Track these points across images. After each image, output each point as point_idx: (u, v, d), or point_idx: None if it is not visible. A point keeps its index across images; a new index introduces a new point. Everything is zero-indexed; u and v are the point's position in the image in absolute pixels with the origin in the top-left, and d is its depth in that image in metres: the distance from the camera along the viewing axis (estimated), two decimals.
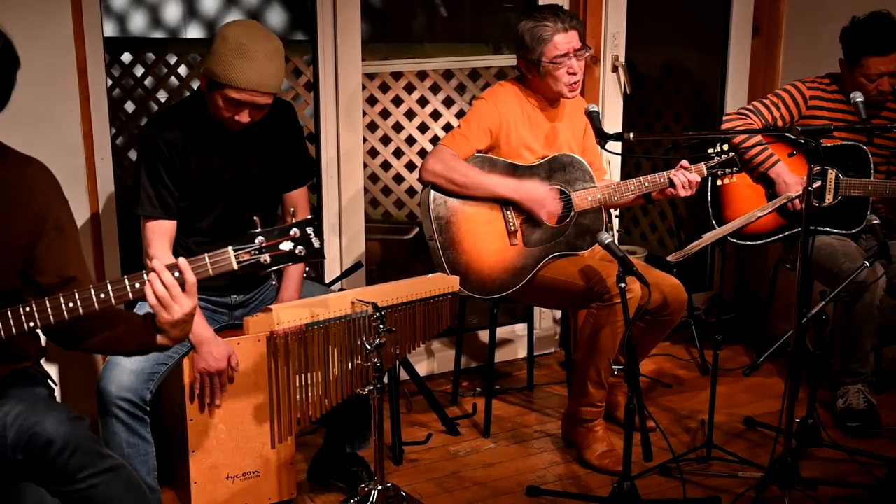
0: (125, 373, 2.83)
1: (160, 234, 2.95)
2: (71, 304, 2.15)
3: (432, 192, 3.34)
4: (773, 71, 4.65)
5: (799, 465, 3.08)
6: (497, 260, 3.39)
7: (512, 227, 3.40)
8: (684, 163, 3.47)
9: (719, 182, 3.64)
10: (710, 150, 3.56)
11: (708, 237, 3.23)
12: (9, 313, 2.13)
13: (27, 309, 2.14)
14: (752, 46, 4.70)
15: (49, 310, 2.14)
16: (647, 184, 3.47)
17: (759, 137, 3.79)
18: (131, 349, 2.35)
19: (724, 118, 3.87)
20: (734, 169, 3.54)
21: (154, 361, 2.88)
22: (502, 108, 3.42)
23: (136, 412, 2.85)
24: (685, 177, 3.43)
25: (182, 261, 2.16)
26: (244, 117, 2.87)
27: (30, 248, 2.26)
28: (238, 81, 2.79)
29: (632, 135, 3.13)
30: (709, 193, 3.85)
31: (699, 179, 3.47)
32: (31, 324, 2.14)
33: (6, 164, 2.25)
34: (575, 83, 3.41)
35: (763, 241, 3.90)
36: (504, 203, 3.39)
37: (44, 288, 2.28)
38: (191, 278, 2.16)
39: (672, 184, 3.45)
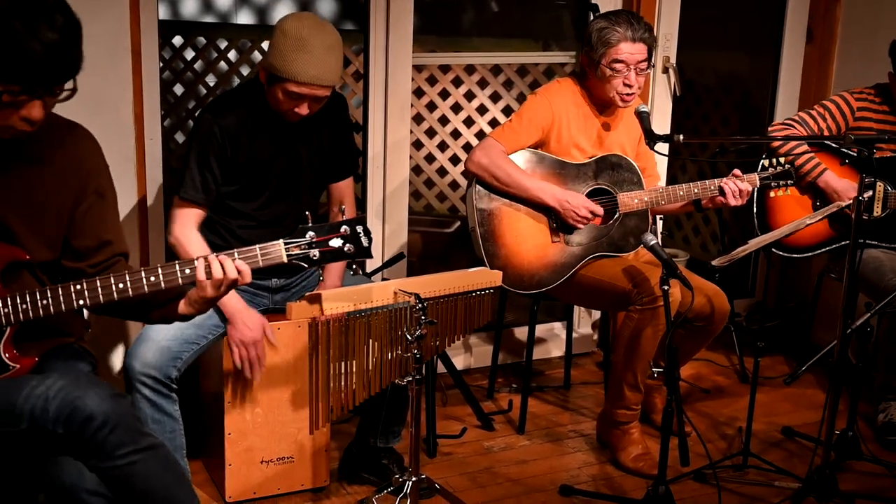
0: (151, 350, 2.86)
1: (189, 217, 2.97)
2: (121, 285, 2.18)
3: (476, 184, 3.34)
4: (825, 78, 4.58)
5: (837, 477, 3.05)
6: (537, 255, 3.38)
7: (555, 225, 3.38)
8: (737, 171, 3.42)
9: (772, 194, 3.58)
10: (765, 162, 3.51)
11: (754, 243, 3.20)
12: (59, 290, 2.16)
13: (77, 287, 2.16)
14: (805, 52, 4.65)
15: (99, 289, 2.17)
16: (696, 190, 3.42)
17: (806, 147, 3.74)
18: (154, 317, 2.39)
19: (770, 129, 3.81)
20: (788, 182, 3.49)
21: (183, 340, 2.91)
22: (556, 106, 3.39)
23: (160, 389, 2.87)
24: (736, 186, 3.37)
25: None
26: (303, 109, 2.89)
27: (71, 211, 2.31)
28: (298, 75, 2.80)
29: (681, 137, 3.09)
30: (754, 202, 3.81)
31: (750, 189, 3.41)
32: (81, 302, 2.17)
33: (51, 129, 2.28)
34: (629, 95, 3.36)
35: (809, 255, 3.85)
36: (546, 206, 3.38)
37: (79, 251, 2.33)
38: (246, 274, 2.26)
39: (722, 192, 3.39)
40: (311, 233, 2.24)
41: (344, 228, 2.26)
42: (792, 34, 4.62)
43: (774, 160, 3.50)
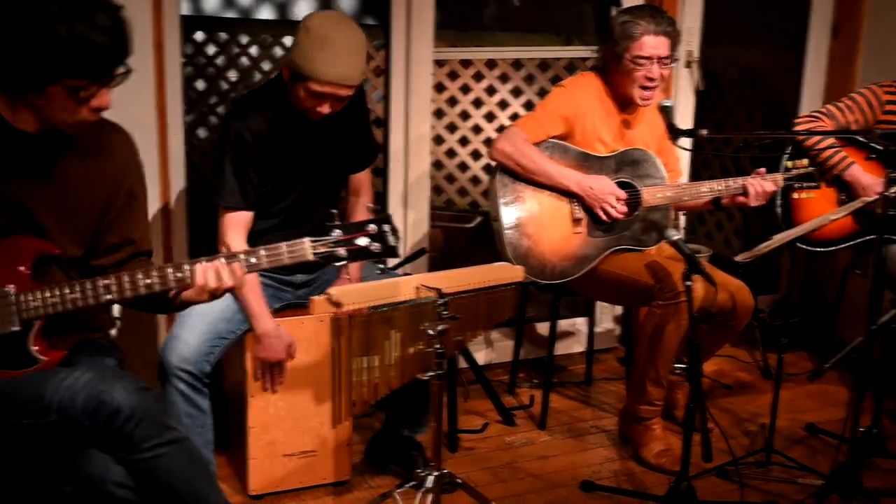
0: (186, 345, 2.87)
1: (237, 224, 2.96)
2: (148, 281, 2.19)
3: (500, 173, 3.34)
4: (850, 73, 4.55)
5: (861, 475, 3.02)
6: (559, 246, 3.37)
7: (577, 216, 3.38)
8: (761, 170, 3.40)
9: (795, 195, 3.56)
10: (788, 163, 3.49)
11: (778, 239, 3.18)
12: (87, 284, 2.17)
13: (105, 282, 2.18)
14: (831, 47, 4.61)
15: (126, 284, 2.18)
16: (720, 188, 3.40)
17: (832, 140, 3.71)
18: (173, 308, 2.39)
19: (796, 121, 3.79)
20: (812, 184, 3.46)
21: (215, 335, 2.92)
22: (580, 98, 3.39)
23: (195, 384, 2.88)
24: (761, 185, 3.36)
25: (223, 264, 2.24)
26: (325, 108, 2.88)
27: (103, 210, 2.34)
28: (320, 74, 2.80)
29: (705, 131, 3.09)
30: (778, 196, 3.78)
31: (773, 189, 3.40)
32: (109, 296, 2.18)
33: (92, 129, 2.30)
34: (649, 92, 3.36)
35: (834, 248, 3.82)
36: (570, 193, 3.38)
37: (102, 248, 2.36)
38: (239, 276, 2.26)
39: (745, 191, 3.38)
40: (337, 231, 2.23)
41: (371, 227, 2.25)
42: (817, 28, 4.59)
43: (796, 161, 3.48)
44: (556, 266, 3.37)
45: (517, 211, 3.34)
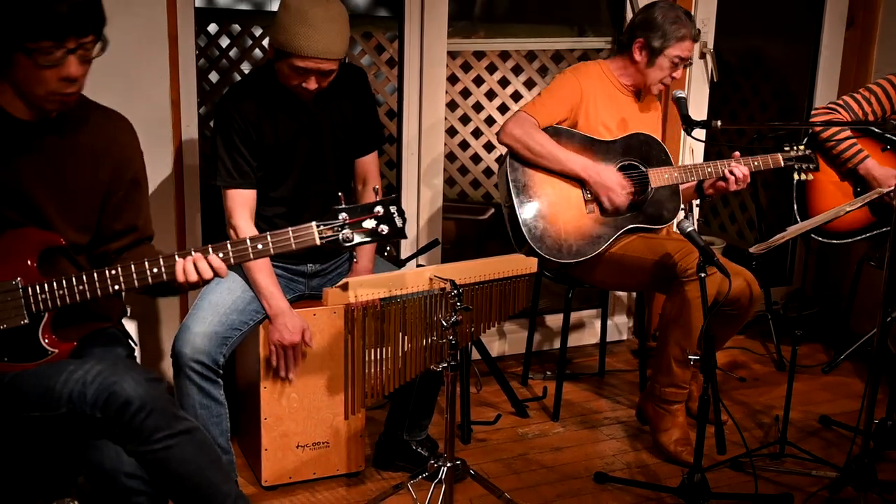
0: (199, 336, 2.87)
1: (241, 203, 2.97)
2: (155, 270, 2.19)
3: (509, 158, 3.37)
4: (866, 64, 4.52)
5: (875, 467, 3.01)
6: (574, 226, 3.38)
7: (588, 196, 3.39)
8: (736, 154, 3.47)
9: (800, 177, 3.55)
10: (786, 146, 3.51)
11: (793, 230, 3.16)
12: (95, 275, 2.18)
13: (112, 272, 2.19)
14: (846, 38, 4.58)
15: (134, 274, 2.19)
16: (724, 169, 3.44)
17: (848, 132, 3.69)
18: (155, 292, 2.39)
19: (813, 112, 3.78)
20: (811, 166, 3.48)
21: (228, 326, 2.92)
22: (585, 84, 3.43)
23: (209, 374, 2.89)
24: (739, 171, 3.41)
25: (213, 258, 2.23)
26: (311, 84, 2.87)
27: (106, 198, 2.35)
28: (301, 49, 2.79)
29: (719, 123, 3.10)
30: (793, 188, 3.77)
31: (748, 173, 3.42)
32: (116, 287, 2.19)
33: (88, 116, 2.32)
34: (666, 87, 3.49)
35: (849, 240, 3.80)
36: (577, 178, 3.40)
37: (106, 235, 2.38)
38: (218, 268, 2.24)
39: (724, 177, 3.43)
40: (344, 214, 2.22)
41: (378, 209, 2.23)
42: (832, 19, 4.56)
43: (795, 145, 3.49)
44: (573, 245, 3.37)
45: (530, 194, 3.35)
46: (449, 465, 2.81)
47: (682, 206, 3.54)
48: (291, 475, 3.13)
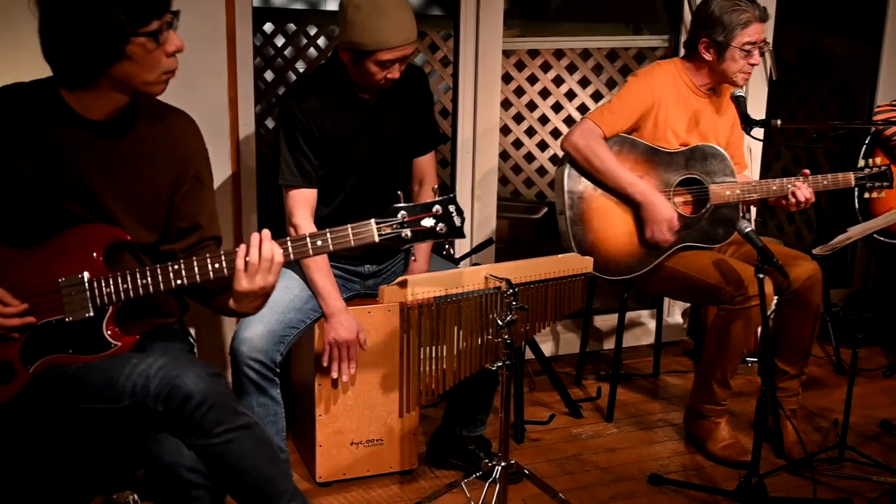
0: (257, 335, 2.89)
1: (301, 202, 2.99)
2: (217, 265, 2.21)
3: (568, 166, 3.31)
4: None
5: None
6: (625, 242, 3.34)
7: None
8: (805, 171, 3.35)
9: (867, 195, 3.48)
10: (862, 162, 3.43)
11: (856, 232, 3.11)
12: (158, 270, 2.20)
13: (175, 267, 2.20)
14: None
15: (196, 269, 2.20)
16: (789, 186, 3.34)
17: None
18: (214, 305, 2.39)
19: (877, 109, 3.71)
20: (884, 183, 3.40)
21: (286, 325, 2.94)
22: (657, 89, 3.35)
23: (266, 373, 2.91)
24: (801, 194, 3.32)
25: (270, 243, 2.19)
26: (395, 73, 2.92)
27: (170, 195, 2.37)
28: (387, 42, 2.83)
29: (779, 122, 3.05)
30: (856, 201, 3.70)
31: (811, 196, 3.33)
32: (179, 282, 2.21)
33: (154, 115, 2.34)
34: (750, 74, 3.34)
35: None
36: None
37: (172, 233, 2.39)
38: (278, 258, 2.19)
39: (787, 197, 3.34)
40: (402, 212, 2.21)
41: (436, 208, 2.22)
42: (895, 16, 4.47)
43: (871, 160, 3.42)
44: (622, 262, 3.33)
45: (584, 207, 3.31)
46: (503, 464, 2.80)
47: (742, 211, 3.48)
48: (345, 472, 3.15)
